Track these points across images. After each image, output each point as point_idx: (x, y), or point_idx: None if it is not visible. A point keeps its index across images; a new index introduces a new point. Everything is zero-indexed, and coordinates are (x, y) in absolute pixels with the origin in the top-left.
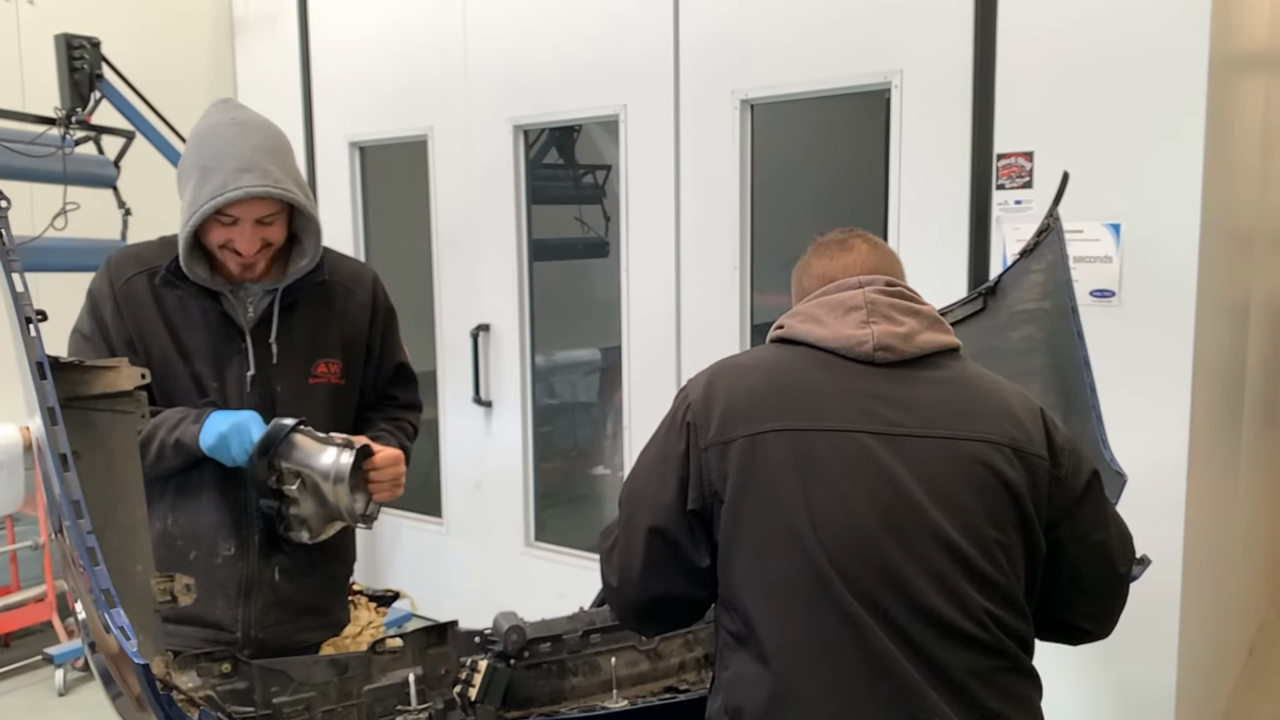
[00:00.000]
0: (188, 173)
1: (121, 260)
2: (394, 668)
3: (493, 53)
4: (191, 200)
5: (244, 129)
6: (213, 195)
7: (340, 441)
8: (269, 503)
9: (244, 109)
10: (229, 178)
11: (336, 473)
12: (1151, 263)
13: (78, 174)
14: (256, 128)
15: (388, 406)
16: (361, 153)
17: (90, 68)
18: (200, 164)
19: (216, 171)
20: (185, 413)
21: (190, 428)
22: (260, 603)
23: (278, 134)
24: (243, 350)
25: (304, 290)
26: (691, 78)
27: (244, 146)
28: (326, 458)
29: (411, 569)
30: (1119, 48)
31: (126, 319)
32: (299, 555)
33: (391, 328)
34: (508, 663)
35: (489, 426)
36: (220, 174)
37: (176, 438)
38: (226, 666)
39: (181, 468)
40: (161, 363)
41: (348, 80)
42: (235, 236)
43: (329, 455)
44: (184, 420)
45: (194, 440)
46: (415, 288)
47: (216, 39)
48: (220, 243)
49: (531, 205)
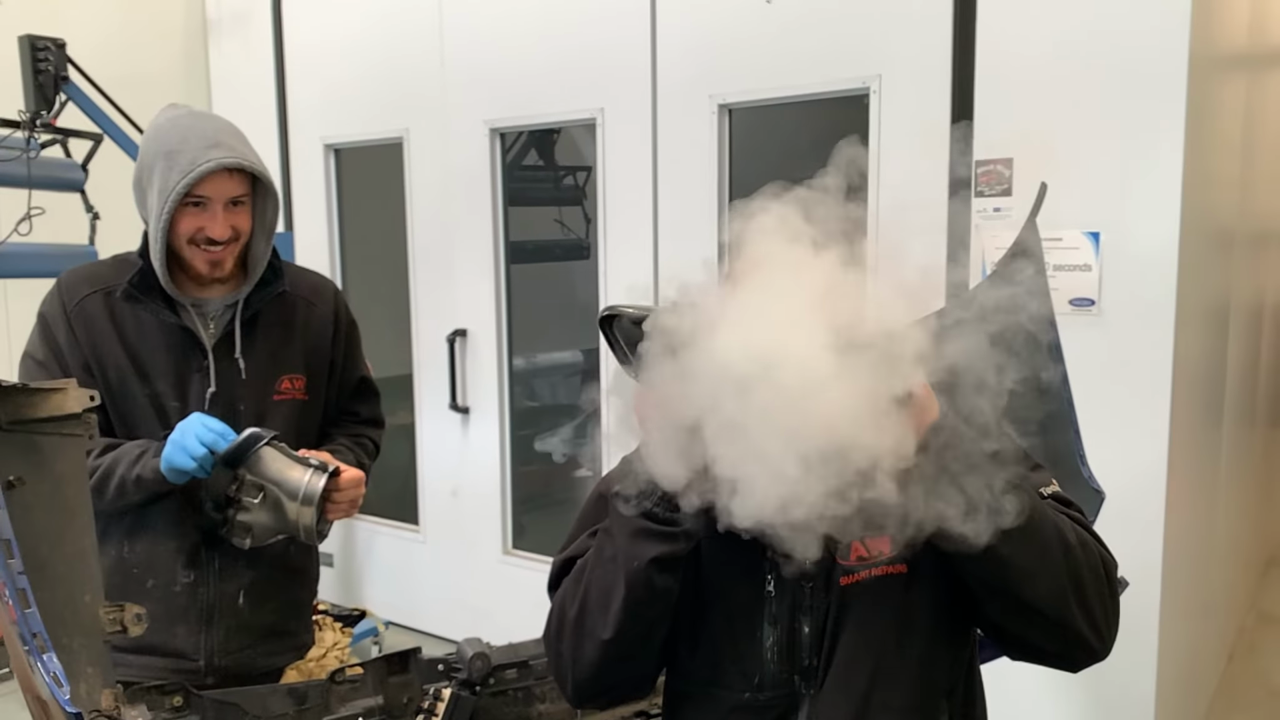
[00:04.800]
0: (149, 165)
1: (73, 281)
2: (354, 697)
3: (469, 55)
4: (161, 187)
5: (200, 117)
6: (183, 174)
7: (315, 463)
8: (214, 509)
9: (193, 106)
10: (197, 154)
11: (306, 494)
12: (1131, 270)
13: (43, 178)
14: (211, 116)
15: (349, 422)
16: (337, 155)
17: (55, 69)
18: (163, 150)
19: (183, 152)
20: (145, 446)
21: (150, 461)
22: (223, 629)
23: (232, 123)
24: (204, 368)
25: (264, 304)
26: (669, 82)
27: (206, 128)
28: (298, 478)
29: (388, 577)
30: (1099, 53)
31: (81, 341)
32: (262, 578)
33: (354, 342)
34: (472, 690)
35: (466, 433)
36: (187, 153)
37: (137, 473)
38: (178, 699)
39: (145, 502)
40: (119, 384)
41: (322, 82)
42: (206, 223)
43: (301, 476)
44: (144, 454)
45: (155, 473)
46: (392, 292)
47: (189, 40)
48: (190, 233)
49: (508, 208)
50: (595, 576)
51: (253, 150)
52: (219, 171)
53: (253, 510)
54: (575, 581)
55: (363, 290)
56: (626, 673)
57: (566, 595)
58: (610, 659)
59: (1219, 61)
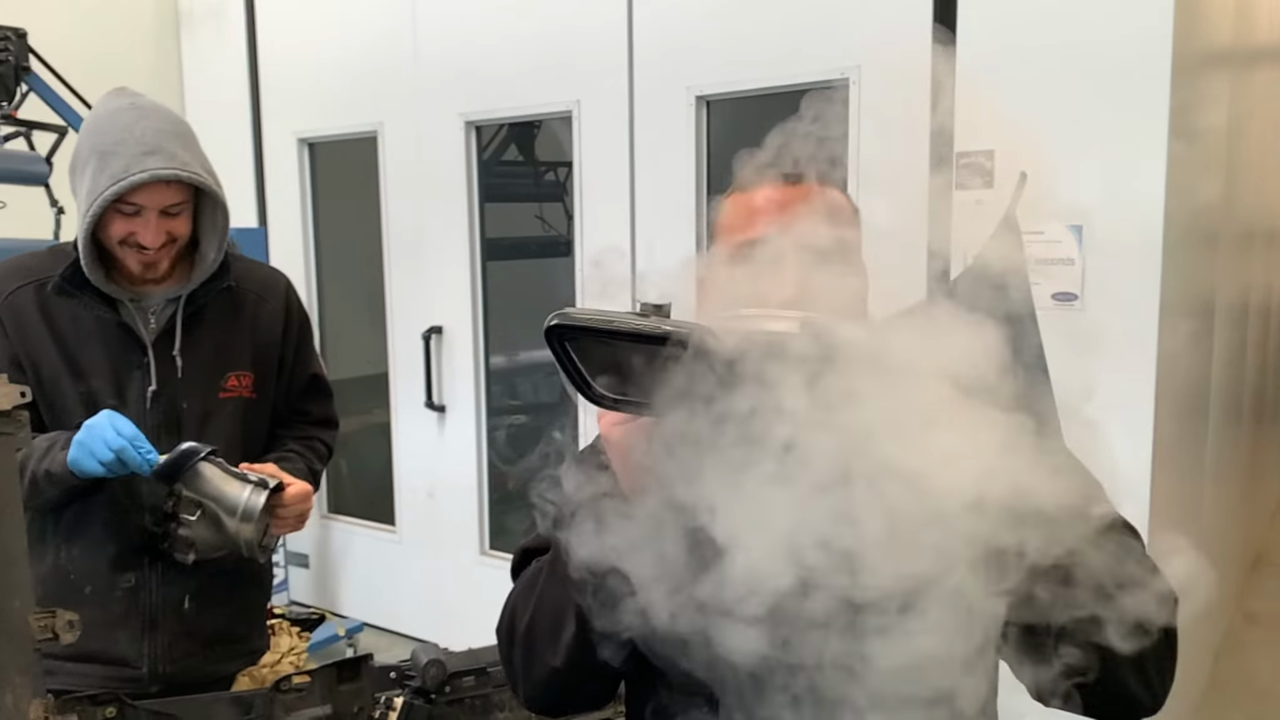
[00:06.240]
0: (83, 159)
1: (4, 273)
2: (301, 706)
3: (443, 47)
4: (90, 189)
5: (144, 113)
6: (113, 180)
7: (255, 480)
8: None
9: (142, 96)
10: (131, 161)
11: (245, 511)
12: (1114, 264)
13: (5, 171)
14: (157, 112)
15: (299, 423)
16: (311, 149)
17: (16, 60)
18: (98, 149)
19: (117, 155)
20: (53, 439)
21: (58, 454)
22: (167, 635)
23: (181, 120)
24: (144, 365)
25: (210, 298)
26: (646, 73)
27: (146, 129)
28: (236, 494)
29: (363, 578)
30: (1082, 43)
31: (12, 336)
32: (209, 582)
33: (306, 337)
34: (427, 699)
35: (442, 432)
36: (122, 158)
37: (46, 468)
38: (111, 710)
39: (64, 499)
40: (51, 382)
41: (296, 75)
42: (138, 229)
43: (240, 492)
44: (52, 448)
45: (63, 467)
46: (367, 289)
47: (161, 32)
48: (121, 237)
49: (485, 203)
50: (547, 595)
51: (198, 153)
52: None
53: (192, 526)
54: (529, 589)
55: (338, 287)
56: (581, 693)
57: (519, 603)
58: (561, 684)
59: (1204, 56)
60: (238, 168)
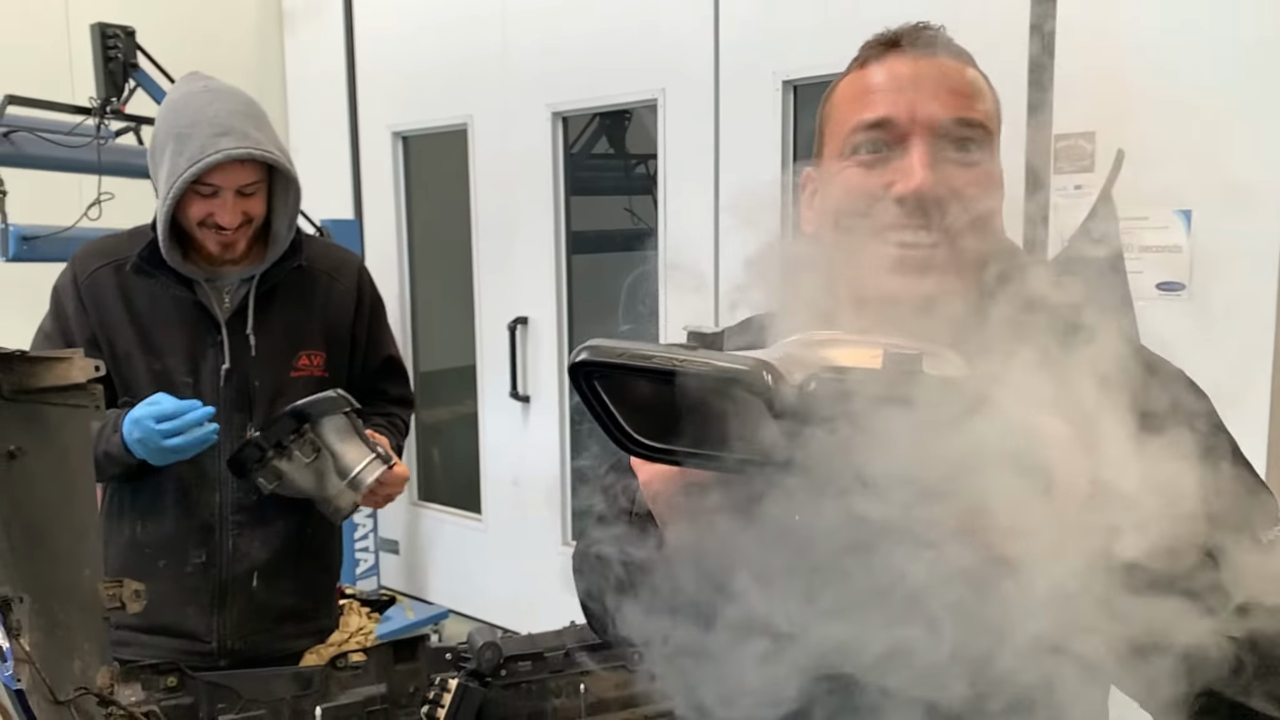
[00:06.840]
0: (161, 143)
1: (86, 254)
2: (356, 685)
3: (530, 39)
4: (169, 171)
5: (217, 95)
6: (191, 162)
7: (381, 451)
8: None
9: (215, 79)
10: (206, 142)
11: (356, 479)
12: (1227, 252)
13: (113, 164)
14: (230, 94)
15: (378, 401)
16: (405, 142)
17: (125, 57)
18: (174, 132)
19: (193, 138)
20: (105, 420)
21: (112, 438)
22: (235, 610)
23: (252, 101)
24: (218, 343)
25: (282, 278)
26: (731, 59)
27: (220, 110)
28: (355, 459)
29: (452, 566)
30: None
31: (90, 314)
32: (277, 561)
33: (379, 319)
34: (481, 682)
35: (526, 422)
36: (197, 140)
37: (104, 449)
38: (173, 680)
39: (126, 475)
40: (126, 358)
41: (390, 69)
42: (216, 210)
43: (359, 458)
44: (104, 429)
45: (120, 448)
46: (457, 281)
47: (265, 29)
48: (200, 218)
49: (573, 195)
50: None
51: (270, 133)
52: (229, 161)
53: (296, 464)
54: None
55: (429, 279)
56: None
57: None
58: None
59: None
60: (335, 161)
